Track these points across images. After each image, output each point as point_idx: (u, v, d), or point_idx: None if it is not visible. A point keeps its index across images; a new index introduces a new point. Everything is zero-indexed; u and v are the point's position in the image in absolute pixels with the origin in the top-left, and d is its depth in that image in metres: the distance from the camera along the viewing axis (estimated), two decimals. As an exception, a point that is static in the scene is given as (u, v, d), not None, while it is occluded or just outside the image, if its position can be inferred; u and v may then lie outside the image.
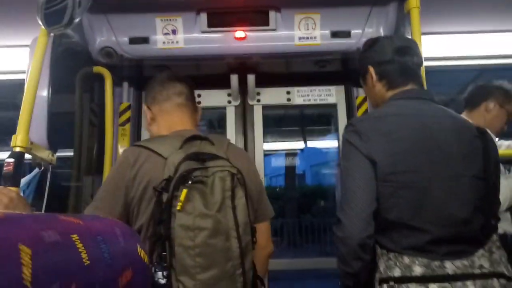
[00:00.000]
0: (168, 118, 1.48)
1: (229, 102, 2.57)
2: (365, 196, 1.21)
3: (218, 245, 1.16)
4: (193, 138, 1.32)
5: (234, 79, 2.40)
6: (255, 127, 2.57)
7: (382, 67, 1.39)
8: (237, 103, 2.57)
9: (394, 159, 1.23)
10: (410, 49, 1.40)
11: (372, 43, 1.45)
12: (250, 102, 2.58)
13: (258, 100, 2.58)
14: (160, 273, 1.10)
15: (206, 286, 1.14)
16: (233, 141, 2.38)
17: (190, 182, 1.17)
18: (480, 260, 1.20)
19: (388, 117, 1.31)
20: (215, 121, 4.44)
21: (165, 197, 1.16)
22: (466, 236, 1.22)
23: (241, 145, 2.53)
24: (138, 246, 0.92)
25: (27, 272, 0.53)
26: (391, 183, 1.22)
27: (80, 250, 0.67)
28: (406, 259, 1.18)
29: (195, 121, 1.54)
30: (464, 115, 2.13)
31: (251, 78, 2.42)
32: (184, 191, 1.15)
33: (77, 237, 0.68)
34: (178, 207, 1.13)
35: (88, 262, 0.68)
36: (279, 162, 12.18)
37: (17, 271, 0.52)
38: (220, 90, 2.56)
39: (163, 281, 1.10)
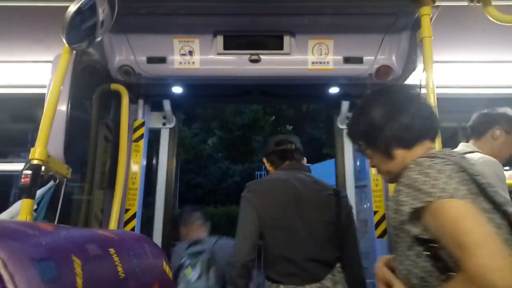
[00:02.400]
0: None
1: None
2: (249, 235, 1.80)
3: None
4: None
5: None
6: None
7: (269, 156, 2.11)
8: None
9: (273, 209, 1.84)
10: (287, 141, 2.09)
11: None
12: None
13: None
14: None
15: None
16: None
17: None
18: (327, 282, 1.76)
19: (269, 181, 2.00)
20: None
21: None
22: (320, 265, 1.78)
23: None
24: (164, 262, 0.94)
25: (79, 281, 0.55)
26: (272, 227, 1.82)
27: (116, 263, 0.69)
28: (282, 286, 1.75)
29: None
30: (471, 144, 2.12)
31: None
32: None
33: (114, 251, 0.70)
34: None
35: (123, 275, 0.70)
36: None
37: (72, 280, 0.55)
38: None
39: None
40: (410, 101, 1.19)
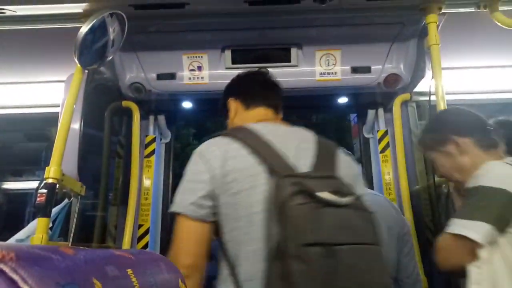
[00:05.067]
0: None
1: None
2: None
3: None
4: None
5: None
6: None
7: None
8: None
9: None
10: None
11: None
12: None
13: None
14: None
15: None
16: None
17: None
18: None
19: None
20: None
21: None
22: None
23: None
24: (180, 281, 0.95)
25: None
26: None
27: (134, 284, 0.70)
28: None
29: None
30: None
31: None
32: None
33: (131, 271, 0.71)
34: None
35: None
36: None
37: None
38: None
39: None
40: None
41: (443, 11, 1.78)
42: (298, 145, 1.20)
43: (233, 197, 1.10)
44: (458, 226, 1.18)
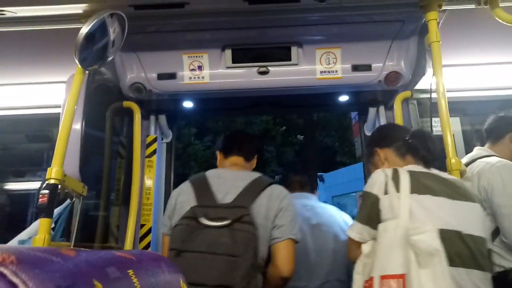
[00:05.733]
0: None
1: None
2: None
3: None
4: None
5: None
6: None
7: None
8: None
9: None
10: None
11: None
12: None
13: None
14: None
15: None
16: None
17: None
18: None
19: None
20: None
21: None
22: None
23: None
24: (181, 281, 0.95)
25: None
26: None
27: (135, 284, 0.70)
28: None
29: None
30: (487, 147, 2.10)
31: None
32: None
33: (132, 272, 0.72)
34: None
35: None
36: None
37: None
38: None
39: None
40: None
41: (443, 8, 1.77)
42: (233, 184, 1.66)
43: (178, 218, 1.61)
44: (349, 227, 1.50)
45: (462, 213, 1.38)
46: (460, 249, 1.31)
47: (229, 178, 1.71)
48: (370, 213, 1.40)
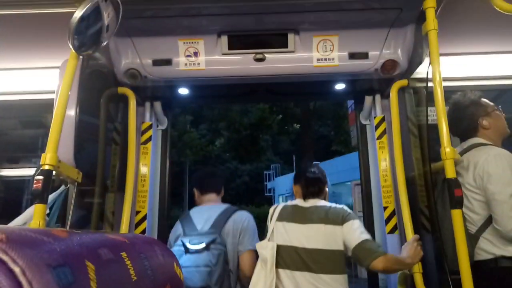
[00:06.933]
0: None
1: None
2: None
3: None
4: None
5: None
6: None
7: None
8: None
9: None
10: None
11: None
12: None
13: None
14: None
15: None
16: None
17: None
18: None
19: None
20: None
21: None
22: None
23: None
24: (175, 264, 0.96)
25: (93, 285, 0.57)
26: None
27: (128, 266, 0.71)
28: None
29: None
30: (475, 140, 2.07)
31: None
32: None
33: (126, 255, 0.72)
34: None
35: (136, 278, 0.72)
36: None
37: (87, 284, 0.56)
38: None
39: None
40: None
41: (441, -4, 1.76)
42: (208, 216, 2.23)
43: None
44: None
45: (305, 233, 2.03)
46: (294, 258, 2.00)
47: (205, 212, 2.28)
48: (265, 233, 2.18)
